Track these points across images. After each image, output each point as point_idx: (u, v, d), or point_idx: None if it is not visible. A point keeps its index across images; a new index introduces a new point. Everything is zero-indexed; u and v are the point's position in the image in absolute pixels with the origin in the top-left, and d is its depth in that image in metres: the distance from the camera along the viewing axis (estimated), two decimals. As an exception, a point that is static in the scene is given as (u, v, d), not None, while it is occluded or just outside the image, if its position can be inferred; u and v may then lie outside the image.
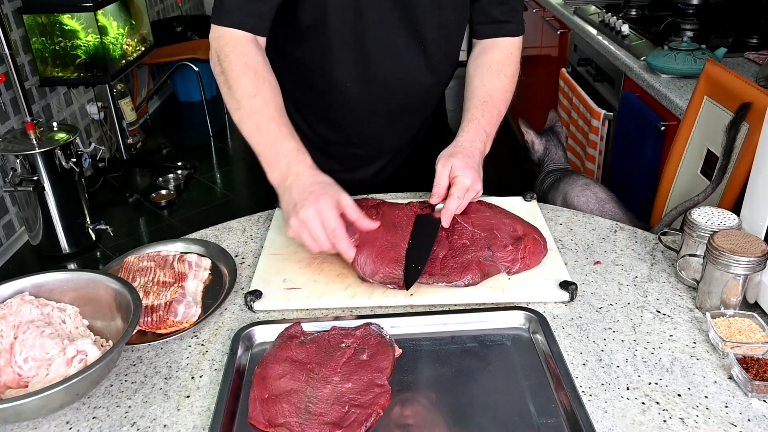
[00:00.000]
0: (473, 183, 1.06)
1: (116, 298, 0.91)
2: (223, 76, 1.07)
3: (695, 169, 1.42)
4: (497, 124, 1.18)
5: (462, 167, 1.06)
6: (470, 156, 1.09)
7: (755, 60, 1.92)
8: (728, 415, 0.77)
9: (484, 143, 1.14)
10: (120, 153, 3.70)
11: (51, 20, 3.14)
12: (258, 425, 0.77)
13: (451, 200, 1.05)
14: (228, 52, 1.07)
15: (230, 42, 1.08)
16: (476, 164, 1.09)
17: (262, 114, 1.04)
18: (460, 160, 1.07)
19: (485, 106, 1.16)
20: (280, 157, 1.02)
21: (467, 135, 1.13)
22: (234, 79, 1.05)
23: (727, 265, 0.89)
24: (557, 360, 0.84)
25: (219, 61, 1.08)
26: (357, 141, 1.31)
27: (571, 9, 2.71)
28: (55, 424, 0.80)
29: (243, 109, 1.05)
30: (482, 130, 1.14)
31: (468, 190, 1.06)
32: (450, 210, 1.05)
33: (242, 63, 1.06)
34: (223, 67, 1.07)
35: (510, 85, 1.21)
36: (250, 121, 1.04)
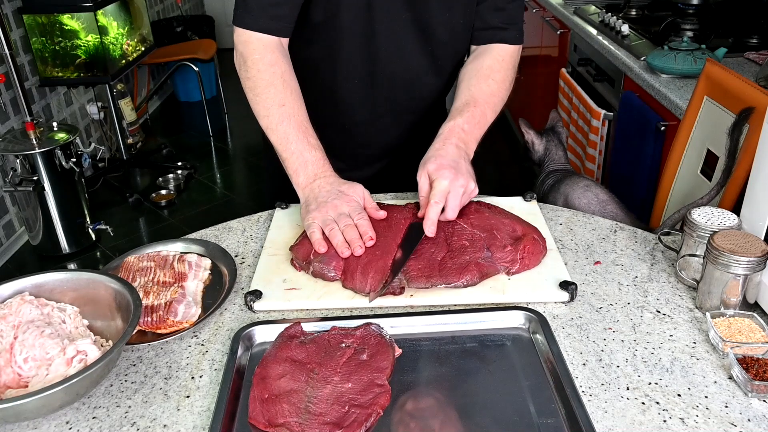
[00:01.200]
0: (453, 181, 1.02)
1: (116, 298, 0.91)
2: (251, 82, 1.10)
3: (695, 169, 1.42)
4: (482, 125, 1.15)
5: (436, 170, 1.04)
6: (443, 155, 1.06)
7: (755, 60, 1.92)
8: (728, 415, 0.77)
9: (463, 140, 1.10)
10: (120, 153, 3.70)
11: (51, 20, 3.14)
12: (258, 425, 0.77)
13: (430, 208, 1.02)
14: (256, 59, 1.09)
15: (258, 49, 1.10)
16: (452, 161, 1.05)
17: (290, 123, 1.08)
18: (433, 163, 1.05)
19: (466, 107, 1.14)
20: (307, 165, 1.07)
21: (440, 137, 1.11)
22: (263, 88, 1.09)
23: (727, 265, 0.89)
24: (557, 360, 0.84)
25: (246, 66, 1.10)
26: (361, 140, 1.31)
27: (571, 9, 2.71)
28: (55, 424, 0.80)
29: (271, 117, 1.09)
30: (459, 129, 1.11)
31: (449, 191, 1.03)
32: (430, 218, 1.02)
33: (271, 72, 1.09)
34: (251, 74, 1.10)
35: (498, 90, 1.18)
36: (279, 129, 1.08)
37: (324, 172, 1.08)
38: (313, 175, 1.07)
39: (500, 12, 1.19)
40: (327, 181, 1.07)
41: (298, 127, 1.08)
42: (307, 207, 1.06)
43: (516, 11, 1.21)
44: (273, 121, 1.09)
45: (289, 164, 1.08)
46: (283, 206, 1.22)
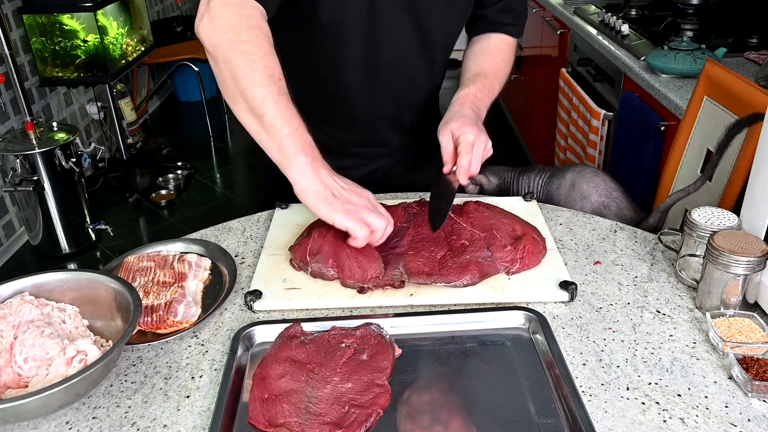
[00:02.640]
0: (476, 137, 1.07)
1: (116, 298, 0.91)
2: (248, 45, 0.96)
3: (695, 169, 1.42)
4: (491, 95, 1.21)
5: (460, 126, 1.08)
6: (464, 115, 1.11)
7: (755, 60, 1.92)
8: (728, 415, 0.77)
9: (476, 106, 1.15)
10: (120, 153, 3.70)
11: (51, 20, 3.14)
12: (258, 425, 0.77)
13: (462, 158, 1.06)
14: (254, 25, 0.98)
15: (254, 16, 1.00)
16: (473, 121, 1.10)
17: (288, 98, 0.98)
18: (456, 122, 1.09)
19: (477, 78, 1.19)
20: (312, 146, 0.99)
21: (457, 101, 1.16)
22: (261, 56, 0.97)
23: (727, 265, 0.89)
24: (557, 360, 0.84)
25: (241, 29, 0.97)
26: (360, 140, 1.32)
27: (571, 9, 2.71)
28: (55, 424, 0.80)
29: (272, 87, 0.96)
30: (472, 96, 1.16)
31: (474, 144, 1.06)
32: (463, 167, 1.06)
33: (268, 43, 0.99)
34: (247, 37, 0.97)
35: (504, 67, 1.25)
36: (282, 101, 0.97)
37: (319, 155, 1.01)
38: (320, 158, 0.99)
39: (511, 13, 1.26)
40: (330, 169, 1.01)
41: (292, 104, 0.99)
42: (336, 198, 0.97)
43: (524, 12, 1.29)
44: (274, 92, 0.96)
45: (290, 141, 0.97)
46: (283, 206, 1.22)
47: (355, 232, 0.96)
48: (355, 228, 0.95)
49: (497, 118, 4.10)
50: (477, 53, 1.25)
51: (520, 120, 3.86)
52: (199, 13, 1.00)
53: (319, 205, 0.96)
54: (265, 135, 0.97)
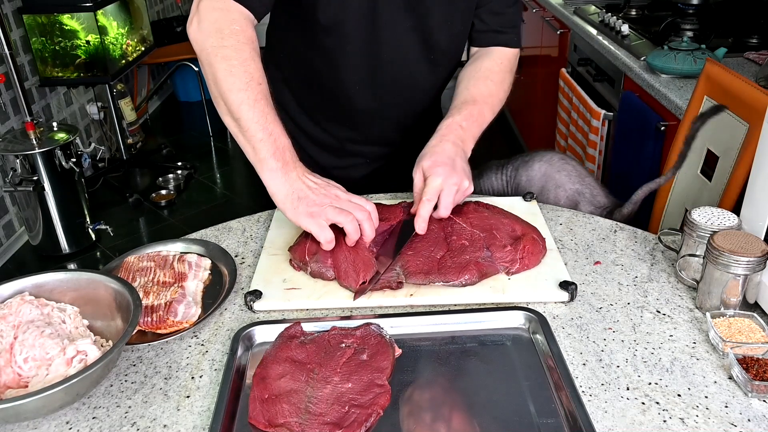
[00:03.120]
0: (446, 179, 1.02)
1: (116, 298, 0.91)
2: (228, 51, 1.00)
3: (695, 169, 1.42)
4: (480, 123, 1.16)
5: (431, 167, 1.04)
6: (439, 153, 1.06)
7: (755, 60, 1.92)
8: (728, 415, 0.77)
9: (460, 138, 1.10)
10: (120, 153, 3.70)
11: (51, 20, 3.14)
12: (258, 425, 0.77)
13: (422, 206, 1.02)
14: (236, 30, 1.00)
15: (238, 20, 1.02)
16: (447, 159, 1.05)
17: (267, 103, 1.01)
18: (428, 160, 1.05)
19: (464, 105, 1.15)
20: (285, 150, 1.00)
21: (437, 134, 1.11)
22: (242, 61, 0.99)
23: (727, 265, 0.89)
24: (557, 360, 0.84)
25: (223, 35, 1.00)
26: (360, 141, 1.32)
27: (571, 9, 2.71)
28: (55, 424, 0.80)
29: (249, 92, 0.99)
30: (456, 126, 1.11)
31: (442, 189, 1.02)
32: (421, 215, 1.02)
33: (250, 48, 1.01)
34: (228, 42, 1.00)
35: (496, 90, 1.19)
36: (257, 107, 0.99)
37: (297, 159, 1.02)
38: (292, 162, 1.00)
39: (499, 16, 1.21)
40: (305, 169, 1.02)
41: (272, 110, 1.01)
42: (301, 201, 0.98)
43: (514, 15, 1.23)
44: (251, 97, 0.99)
45: (263, 146, 0.98)
46: (283, 206, 1.22)
47: (318, 236, 0.97)
48: (317, 232, 0.97)
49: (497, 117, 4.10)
50: (468, 76, 1.20)
51: (520, 120, 3.86)
52: (190, 15, 1.04)
53: (285, 208, 0.99)
54: (242, 138, 1.00)
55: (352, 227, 0.97)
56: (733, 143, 1.31)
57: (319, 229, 0.97)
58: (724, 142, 1.34)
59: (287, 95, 1.30)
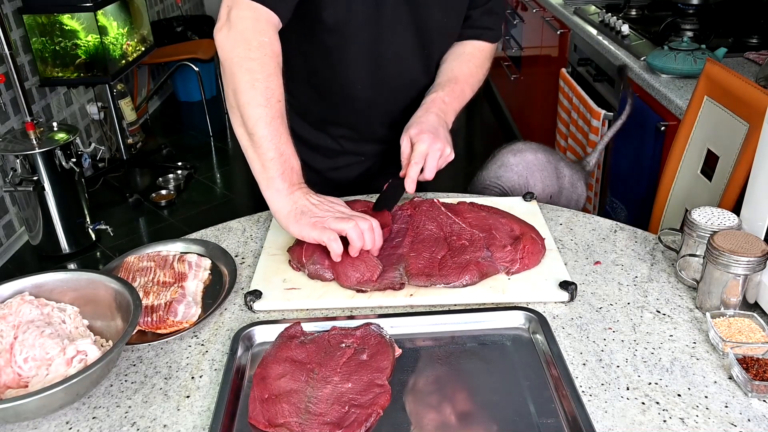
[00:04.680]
0: (431, 144, 1.09)
1: (116, 298, 0.91)
2: (254, 63, 1.00)
3: (695, 169, 1.42)
4: (461, 99, 1.23)
5: (417, 134, 1.11)
6: (424, 122, 1.14)
7: (755, 60, 1.92)
8: (728, 415, 0.77)
9: (443, 110, 1.18)
10: (120, 153, 3.70)
11: (51, 20, 3.14)
12: (258, 425, 0.77)
13: (410, 168, 1.09)
14: (265, 42, 1.00)
15: (267, 31, 1.01)
16: (432, 128, 1.13)
17: (283, 122, 1.02)
18: (415, 129, 1.12)
19: (448, 83, 1.22)
20: (293, 172, 1.02)
21: (423, 105, 1.19)
22: (266, 76, 1.00)
23: (727, 265, 0.89)
24: (557, 360, 0.84)
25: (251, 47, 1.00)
26: (357, 137, 1.32)
27: (571, 9, 2.71)
28: (55, 424, 0.80)
29: (269, 108, 1.00)
30: (440, 100, 1.19)
31: (427, 153, 1.09)
32: (410, 176, 1.09)
33: (276, 62, 1.01)
34: (255, 55, 1.00)
35: (476, 72, 1.27)
36: (273, 125, 1.00)
37: (301, 180, 1.04)
38: (297, 183, 1.02)
39: (493, 15, 1.28)
40: (309, 190, 1.03)
41: (287, 130, 1.03)
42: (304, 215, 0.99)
43: (503, 16, 1.34)
44: (269, 114, 1.00)
45: (273, 165, 1.00)
46: (283, 206, 1.22)
47: (321, 240, 0.97)
48: (320, 236, 0.97)
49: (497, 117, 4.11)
50: (451, 59, 1.27)
51: (520, 120, 3.86)
52: (219, 21, 1.04)
53: (288, 223, 1.00)
54: (252, 152, 1.02)
55: (355, 234, 0.96)
56: (733, 143, 1.31)
57: (329, 239, 0.96)
58: (724, 142, 1.34)
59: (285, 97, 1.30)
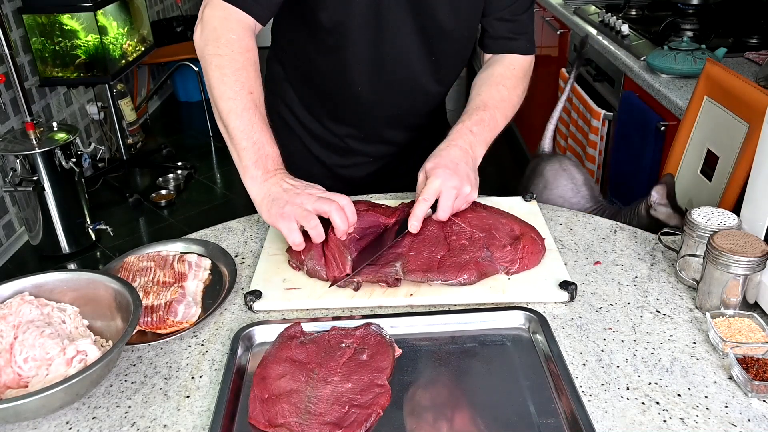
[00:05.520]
0: (446, 181, 1.02)
1: (116, 298, 0.91)
2: (222, 59, 1.03)
3: (695, 169, 1.42)
4: (492, 127, 1.14)
5: (432, 168, 1.04)
6: (444, 156, 1.06)
7: (755, 60, 1.92)
8: (728, 415, 0.77)
9: (469, 143, 1.09)
10: (120, 153, 3.70)
11: (51, 20, 3.14)
12: (258, 425, 0.77)
13: (417, 205, 1.02)
14: (233, 39, 1.04)
15: (235, 29, 1.04)
16: (451, 162, 1.05)
17: (256, 113, 1.03)
18: (432, 162, 1.05)
19: (476, 111, 1.14)
20: (268, 158, 1.02)
21: (447, 138, 1.11)
22: (234, 70, 1.03)
23: (727, 265, 0.89)
24: (557, 360, 0.84)
25: (219, 44, 1.03)
26: (364, 138, 1.32)
27: (571, 9, 2.71)
28: (55, 424, 0.80)
29: (238, 101, 1.02)
30: (467, 131, 1.11)
31: (441, 191, 1.02)
32: (415, 214, 1.01)
33: (245, 57, 1.04)
34: (223, 51, 1.03)
35: (509, 96, 1.19)
36: (245, 116, 1.02)
37: (282, 168, 1.03)
38: (273, 170, 1.02)
39: (507, 23, 1.21)
40: (286, 175, 1.03)
41: (261, 118, 1.03)
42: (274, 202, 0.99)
43: (525, 22, 1.23)
44: (239, 106, 1.02)
45: (247, 154, 1.01)
46: (283, 206, 1.22)
47: (287, 237, 0.98)
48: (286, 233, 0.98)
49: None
50: (481, 82, 1.20)
51: (520, 120, 3.86)
52: (197, 20, 1.08)
53: (261, 211, 1.02)
54: (230, 143, 1.04)
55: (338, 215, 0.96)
56: (733, 143, 1.31)
57: (289, 230, 0.97)
58: (724, 142, 1.34)
59: (291, 93, 1.31)
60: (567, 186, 1.40)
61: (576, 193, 1.39)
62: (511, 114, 1.20)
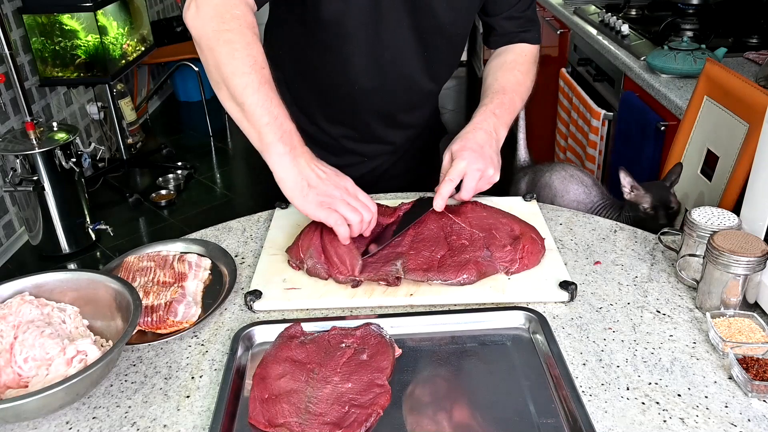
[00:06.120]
0: (471, 163, 1.06)
1: (116, 298, 0.91)
2: (231, 34, 0.97)
3: (695, 169, 1.42)
4: (512, 110, 1.19)
5: (459, 150, 1.08)
6: (470, 139, 1.10)
7: (755, 60, 1.92)
8: (728, 415, 0.77)
9: (494, 126, 1.13)
10: (120, 153, 3.70)
11: (51, 20, 3.14)
12: (258, 425, 0.77)
13: (443, 185, 1.06)
14: (238, 15, 0.99)
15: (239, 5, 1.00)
16: (476, 145, 1.09)
17: (271, 87, 0.99)
18: (458, 144, 1.09)
19: (496, 95, 1.18)
20: (293, 135, 0.99)
21: (472, 122, 1.14)
22: (244, 45, 0.98)
23: (727, 265, 0.88)
24: (557, 360, 0.84)
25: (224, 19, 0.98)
26: (358, 137, 1.32)
27: (571, 9, 2.71)
28: (55, 424, 0.80)
29: (253, 76, 0.97)
30: (491, 114, 1.14)
31: (466, 172, 1.06)
32: (441, 194, 1.05)
33: (252, 33, 1.00)
34: (231, 26, 0.98)
35: (524, 79, 1.23)
36: (262, 90, 0.97)
37: (304, 144, 1.01)
38: (300, 146, 0.99)
39: (515, 20, 1.25)
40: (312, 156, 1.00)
41: (276, 94, 1.00)
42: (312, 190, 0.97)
43: (532, 15, 1.27)
44: (255, 80, 0.97)
45: (270, 129, 0.97)
46: (283, 206, 1.22)
47: (327, 222, 0.97)
48: (327, 218, 0.96)
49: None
50: (494, 69, 1.24)
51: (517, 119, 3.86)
52: (186, 2, 1.02)
53: (294, 195, 0.97)
54: (246, 123, 0.99)
55: (358, 228, 0.98)
56: (733, 143, 1.31)
57: (335, 222, 0.97)
58: (724, 142, 1.34)
59: (287, 97, 1.31)
60: (578, 190, 1.44)
61: (588, 195, 1.43)
62: (526, 96, 1.24)
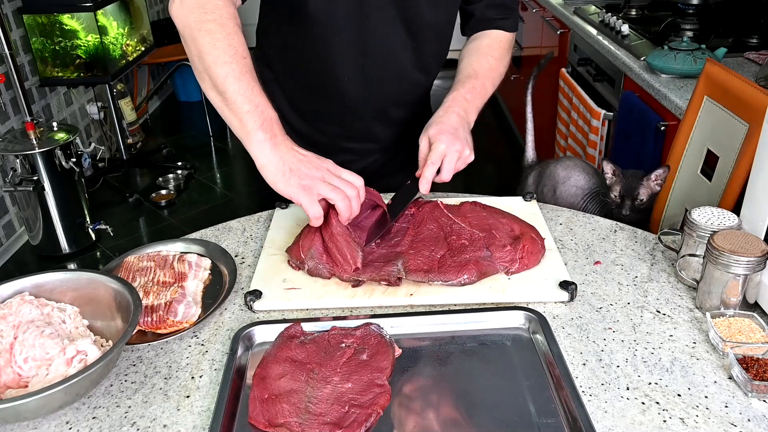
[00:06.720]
0: (450, 146, 1.08)
1: (116, 298, 0.91)
2: (213, 24, 0.99)
3: (695, 169, 1.42)
4: (483, 95, 1.20)
5: (436, 134, 1.09)
6: (444, 122, 1.12)
7: (755, 60, 1.92)
8: (728, 415, 0.77)
9: (464, 109, 1.15)
10: (120, 153, 3.70)
11: (51, 20, 3.14)
12: (258, 425, 0.77)
13: (426, 168, 1.07)
14: (219, 5, 1.01)
15: None
16: (451, 128, 1.11)
17: (252, 76, 1.00)
18: (434, 128, 1.11)
19: (468, 79, 1.20)
20: (273, 122, 1.00)
21: (443, 106, 1.16)
22: (225, 35, 0.99)
23: (727, 265, 0.89)
24: (557, 360, 0.84)
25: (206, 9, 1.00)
26: (350, 135, 1.32)
27: (571, 9, 2.71)
28: (55, 424, 0.80)
29: (235, 65, 0.99)
30: (461, 98, 1.17)
31: (445, 154, 1.07)
32: (425, 177, 1.07)
33: (233, 23, 1.01)
34: (212, 16, 1.00)
35: (497, 65, 1.25)
36: (243, 79, 0.99)
37: (282, 131, 1.02)
38: (281, 134, 1.00)
39: (496, 8, 1.26)
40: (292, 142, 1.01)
41: (257, 83, 1.01)
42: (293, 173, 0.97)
43: (511, 4, 1.28)
44: (236, 69, 0.98)
45: (250, 117, 0.98)
46: (283, 206, 1.22)
47: (308, 209, 0.96)
48: (307, 205, 0.96)
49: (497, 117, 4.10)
50: (469, 53, 1.25)
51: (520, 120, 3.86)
52: None
53: (276, 179, 0.97)
54: (228, 111, 1.00)
55: (344, 205, 0.98)
56: (733, 143, 1.31)
57: (310, 203, 0.97)
58: (724, 142, 1.34)
59: (279, 95, 1.31)
60: (580, 176, 1.53)
61: (588, 182, 1.52)
62: (498, 81, 1.26)
